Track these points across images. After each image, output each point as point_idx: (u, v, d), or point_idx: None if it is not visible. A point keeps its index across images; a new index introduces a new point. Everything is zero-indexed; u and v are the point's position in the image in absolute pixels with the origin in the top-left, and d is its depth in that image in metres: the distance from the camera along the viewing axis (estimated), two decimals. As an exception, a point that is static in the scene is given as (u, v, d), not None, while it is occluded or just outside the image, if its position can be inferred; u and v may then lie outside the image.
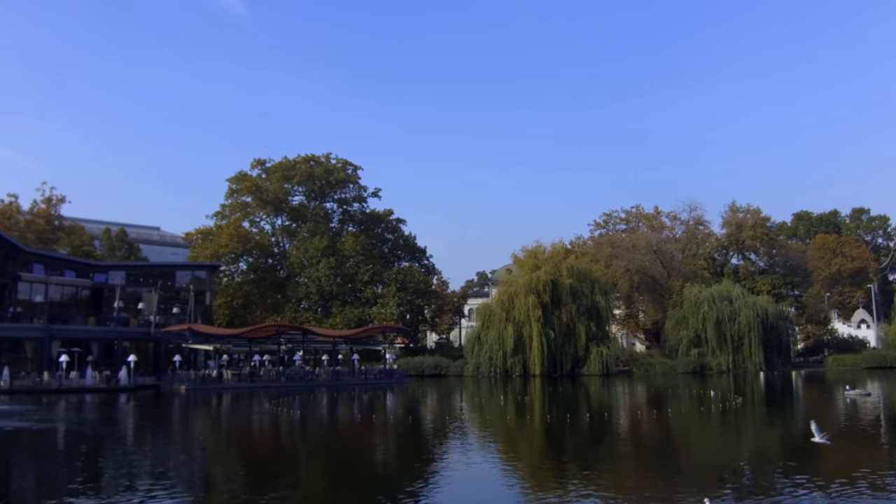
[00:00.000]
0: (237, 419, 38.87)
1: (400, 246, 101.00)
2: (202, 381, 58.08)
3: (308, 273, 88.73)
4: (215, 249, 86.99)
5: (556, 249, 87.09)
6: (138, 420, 37.45)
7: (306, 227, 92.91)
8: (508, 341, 74.86)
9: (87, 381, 54.35)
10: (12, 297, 63.34)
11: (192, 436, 30.37)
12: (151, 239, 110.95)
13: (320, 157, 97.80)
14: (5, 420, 33.32)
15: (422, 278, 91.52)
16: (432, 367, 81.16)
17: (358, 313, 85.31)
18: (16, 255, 63.75)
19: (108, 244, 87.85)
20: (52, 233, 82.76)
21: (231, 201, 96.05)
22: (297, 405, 42.58)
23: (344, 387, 61.26)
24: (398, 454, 24.07)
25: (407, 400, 49.75)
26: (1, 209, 79.32)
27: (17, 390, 51.09)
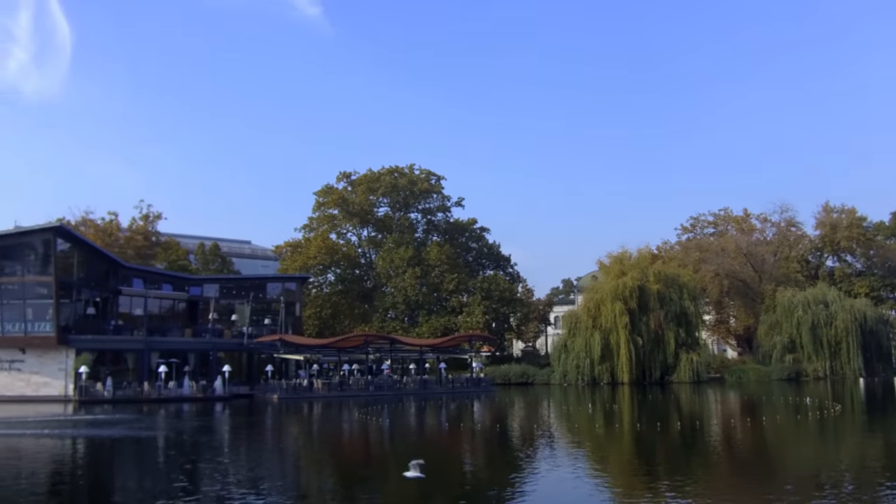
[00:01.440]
0: (328, 427, 39.57)
1: (484, 254, 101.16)
2: (293, 391, 59.34)
3: (394, 283, 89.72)
4: (304, 261, 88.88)
5: (643, 255, 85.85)
6: (233, 428, 38.49)
7: (392, 238, 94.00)
8: (595, 349, 74.08)
9: (184, 391, 56.17)
10: (114, 310, 66.05)
11: (286, 444, 31.10)
12: (243, 252, 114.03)
13: (404, 169, 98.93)
14: (109, 428, 34.80)
15: (507, 286, 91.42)
16: (519, 375, 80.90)
17: (444, 322, 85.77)
18: (117, 270, 66.54)
19: (203, 258, 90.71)
20: (149, 248, 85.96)
21: (318, 214, 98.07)
22: (385, 414, 43.06)
23: (431, 395, 61.67)
24: (486, 462, 24.14)
25: (494, 408, 49.74)
26: (102, 226, 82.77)
27: (120, 399, 53.25)
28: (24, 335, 56.13)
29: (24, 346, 56.46)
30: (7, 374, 56.51)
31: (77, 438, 31.67)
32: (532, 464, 22.60)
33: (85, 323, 60.62)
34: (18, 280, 57.21)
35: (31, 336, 56.13)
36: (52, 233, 57.61)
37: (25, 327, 56.17)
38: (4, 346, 56.29)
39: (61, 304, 57.06)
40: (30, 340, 56.22)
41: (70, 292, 59.63)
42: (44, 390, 56.07)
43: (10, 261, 57.86)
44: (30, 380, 56.59)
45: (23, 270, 57.82)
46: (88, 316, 61.68)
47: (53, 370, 56.63)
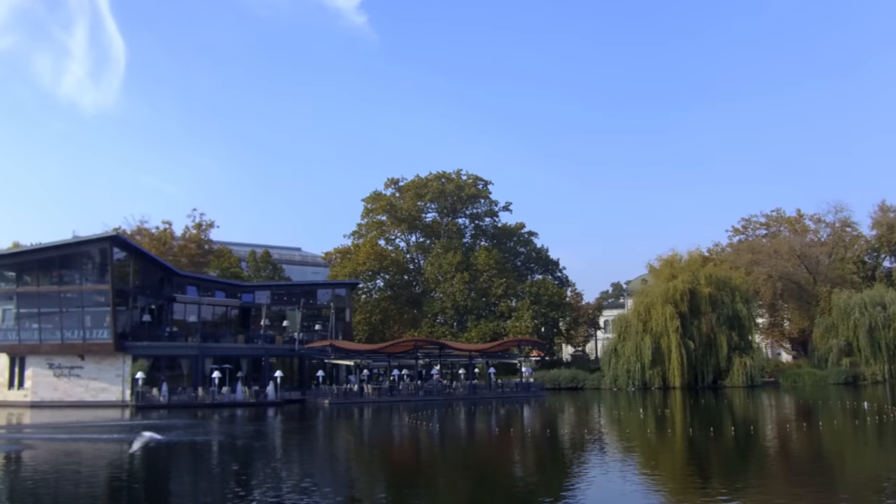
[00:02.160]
0: (379, 432, 39.83)
1: (533, 259, 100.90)
2: (344, 396, 59.85)
3: (443, 288, 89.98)
4: (353, 268, 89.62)
5: (693, 257, 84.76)
6: (286, 433, 38.98)
7: (440, 243, 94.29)
8: (646, 353, 73.31)
9: (237, 396, 57.04)
10: (169, 317, 67.40)
11: (337, 449, 31.41)
12: (293, 259, 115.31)
13: (451, 174, 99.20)
14: (165, 433, 35.50)
15: (556, 291, 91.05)
16: (569, 379, 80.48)
17: (493, 327, 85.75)
18: (171, 278, 67.89)
19: (254, 265, 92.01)
20: (202, 256, 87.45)
21: (367, 220, 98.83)
22: (435, 418, 43.19)
23: (481, 400, 61.65)
24: (536, 467, 24.09)
25: (544, 413, 49.55)
26: (157, 235, 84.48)
27: (175, 405, 54.30)
28: (83, 342, 57.61)
29: (83, 352, 57.97)
30: (67, 380, 58.08)
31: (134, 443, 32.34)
32: (583, 469, 22.50)
33: (141, 330, 61.96)
34: (77, 288, 58.80)
35: (89, 343, 57.59)
36: (108, 242, 59.05)
37: (84, 334, 57.64)
38: (65, 352, 57.87)
39: (118, 312, 58.45)
40: (88, 347, 57.68)
41: (126, 300, 61.05)
42: (102, 396, 57.48)
43: (69, 270, 59.45)
44: (89, 385, 58.07)
45: (81, 279, 59.39)
46: (144, 323, 63.03)
47: (111, 376, 58.03)
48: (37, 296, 58.74)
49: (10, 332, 59.18)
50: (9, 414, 51.41)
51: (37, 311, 58.61)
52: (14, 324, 59.07)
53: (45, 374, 58.28)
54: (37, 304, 58.67)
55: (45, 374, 58.29)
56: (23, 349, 58.69)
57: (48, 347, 58.04)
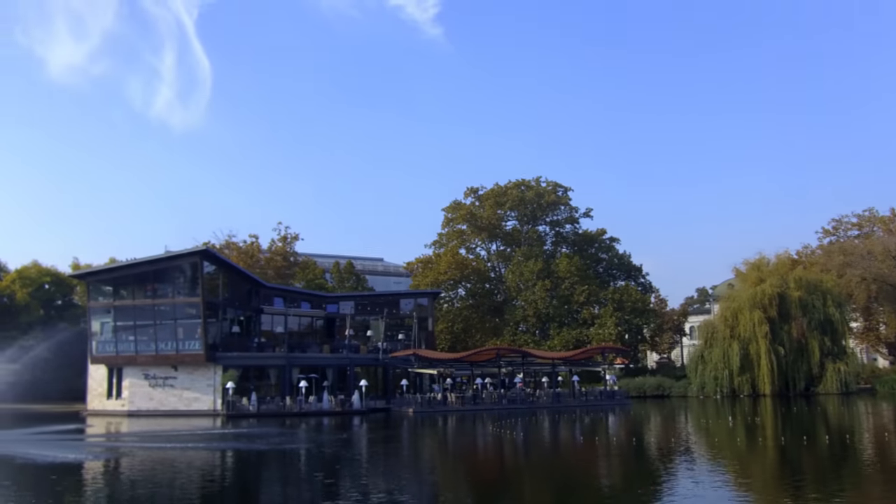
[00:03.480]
0: (463, 441, 39.99)
1: (615, 265, 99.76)
2: (428, 404, 60.22)
3: (524, 296, 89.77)
4: (435, 277, 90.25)
5: (781, 260, 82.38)
6: (371, 442, 39.47)
7: (520, 251, 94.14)
8: (734, 359, 71.62)
9: (324, 405, 58.01)
10: (257, 328, 69.11)
11: (423, 457, 31.68)
12: (376, 270, 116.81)
13: (530, 182, 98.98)
14: (255, 442, 36.44)
15: (639, 297, 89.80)
16: (654, 387, 79.27)
17: (576, 334, 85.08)
18: (259, 290, 69.63)
19: (338, 276, 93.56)
20: (288, 268, 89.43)
21: (448, 230, 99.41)
22: (519, 427, 43.12)
23: (565, 409, 61.26)
24: (623, 476, 23.85)
25: (630, 421, 48.94)
26: (244, 248, 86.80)
27: (264, 414, 55.56)
28: (176, 353, 59.58)
29: (175, 363, 59.92)
30: (162, 390, 60.11)
31: (225, 451, 33.32)
32: (671, 479, 22.19)
33: (230, 341, 63.68)
34: (170, 301, 60.85)
35: (182, 354, 59.51)
36: (199, 256, 61.00)
37: (177, 346, 59.60)
38: (159, 363, 59.94)
39: (209, 324, 60.23)
40: (181, 358, 59.61)
41: (217, 312, 62.89)
42: (194, 405, 59.27)
43: (162, 284, 61.62)
44: (182, 395, 59.96)
45: (174, 292, 61.44)
46: (234, 334, 64.76)
47: (203, 386, 59.80)
48: (132, 309, 61.10)
49: (108, 344, 61.65)
50: (108, 423, 53.61)
51: (132, 324, 60.93)
52: (112, 336, 61.51)
53: (141, 384, 60.46)
54: (132, 317, 61.00)
55: (141, 384, 60.48)
56: (120, 360, 61.07)
57: (143, 359, 60.23)
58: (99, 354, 62.00)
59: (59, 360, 64.95)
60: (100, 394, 62.67)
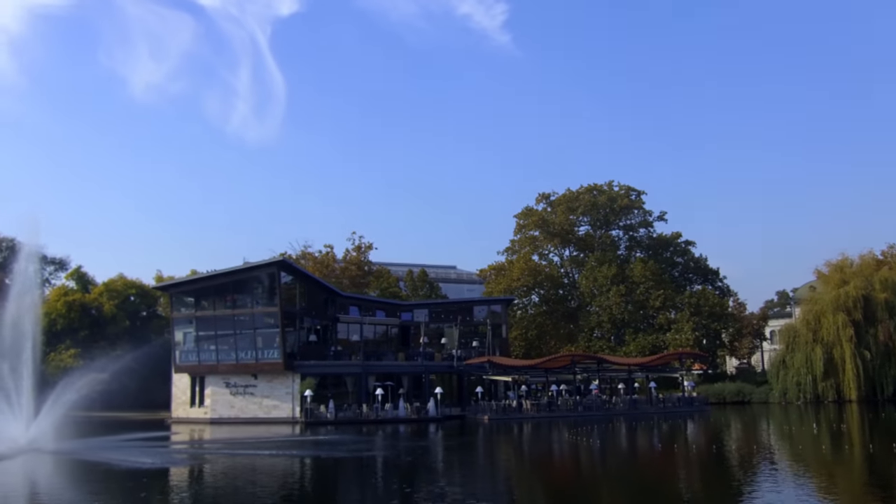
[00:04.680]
0: (539, 448, 39.93)
1: (691, 269, 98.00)
2: (503, 411, 60.22)
3: (599, 302, 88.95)
4: (508, 284, 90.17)
5: (866, 261, 79.58)
6: (448, 449, 39.73)
7: (594, 257, 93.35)
8: (817, 364, 69.58)
9: (400, 413, 58.58)
10: (333, 336, 70.15)
11: (499, 465, 31.76)
12: (449, 277, 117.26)
13: (603, 186, 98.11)
14: (333, 449, 37.07)
15: (716, 301, 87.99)
16: (734, 393, 77.57)
17: (652, 340, 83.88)
18: (335, 299, 70.74)
19: (412, 285, 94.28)
20: (363, 277, 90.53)
21: (520, 236, 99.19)
22: (595, 434, 42.84)
23: (642, 415, 60.53)
24: (703, 484, 23.52)
25: (709, 428, 48.11)
26: (320, 258, 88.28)
27: (341, 421, 56.43)
28: (256, 362, 60.95)
29: (255, 371, 61.30)
30: (242, 398, 61.55)
31: (304, 458, 34.01)
32: (752, 488, 21.80)
33: (308, 349, 64.77)
34: (249, 311, 62.35)
35: (261, 363, 60.85)
36: (276, 267, 62.35)
37: (256, 355, 60.98)
38: (239, 372, 61.41)
39: (287, 333, 61.41)
40: (260, 367, 60.95)
41: (294, 321, 64.10)
42: (274, 413, 60.50)
43: (241, 294, 63.18)
44: (262, 403, 61.29)
45: (252, 302, 62.91)
46: (311, 343, 65.88)
47: (282, 394, 61.01)
48: (213, 319, 62.80)
49: (190, 353, 63.47)
50: (191, 430, 55.22)
51: (213, 334, 62.60)
52: (194, 346, 63.31)
53: (223, 392, 62.02)
54: (213, 327, 62.69)
55: (222, 392, 62.04)
56: (202, 369, 62.81)
57: (224, 367, 61.79)
58: (182, 364, 63.90)
59: (144, 370, 67.03)
60: (183, 402, 64.55)
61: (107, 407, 60.95)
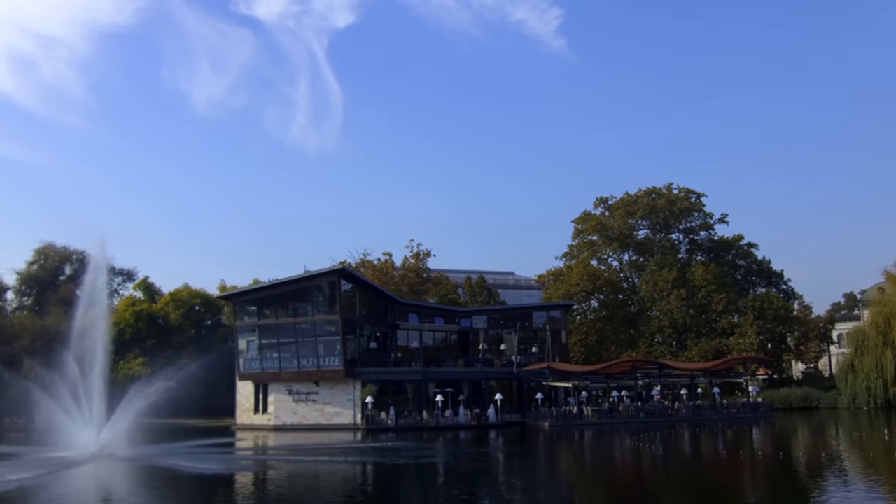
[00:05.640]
0: (601, 455, 39.65)
1: (754, 272, 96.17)
2: (564, 418, 59.92)
3: (659, 306, 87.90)
4: (567, 289, 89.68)
5: (937, 262, 77.17)
6: (508, 455, 39.72)
7: (654, 261, 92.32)
8: (888, 368, 67.59)
9: (460, 419, 58.73)
10: (393, 343, 70.70)
11: (560, 471, 31.66)
12: (507, 283, 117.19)
13: (662, 189, 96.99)
14: (395, 456, 37.38)
15: (781, 304, 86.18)
16: (801, 398, 75.81)
17: (714, 345, 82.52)
18: (394, 306, 71.30)
19: (470, 291, 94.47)
20: (421, 284, 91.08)
21: (578, 241, 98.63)
22: (658, 441, 42.38)
23: (705, 422, 59.65)
24: (770, 492, 23.13)
25: (775, 435, 47.20)
26: (379, 266, 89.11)
27: (402, 428, 56.82)
28: (317, 369, 61.76)
29: (317, 379, 62.10)
30: (305, 405, 62.40)
31: (366, 464, 34.37)
32: (821, 496, 21.37)
33: (368, 356, 65.43)
34: (310, 319, 63.21)
35: (322, 370, 61.64)
36: (336, 275, 63.13)
37: (318, 362, 61.79)
38: (301, 379, 62.29)
39: (347, 340, 62.10)
40: (322, 374, 61.74)
41: (354, 329, 64.81)
42: (336, 419, 61.20)
43: (302, 302, 64.11)
44: (324, 410, 62.04)
45: (313, 310, 63.73)
46: (371, 350, 66.50)
47: (343, 401, 61.66)
48: (275, 327, 63.89)
49: (254, 361, 64.64)
50: (255, 436, 56.19)
51: (276, 342, 63.64)
52: (257, 354, 64.48)
53: (285, 399, 62.97)
54: (276, 336, 63.74)
55: (285, 399, 63.00)
56: (265, 377, 63.90)
57: (287, 375, 62.75)
58: (246, 371, 65.10)
59: (209, 378, 68.36)
60: (247, 409, 65.71)
61: (173, 414, 62.31)
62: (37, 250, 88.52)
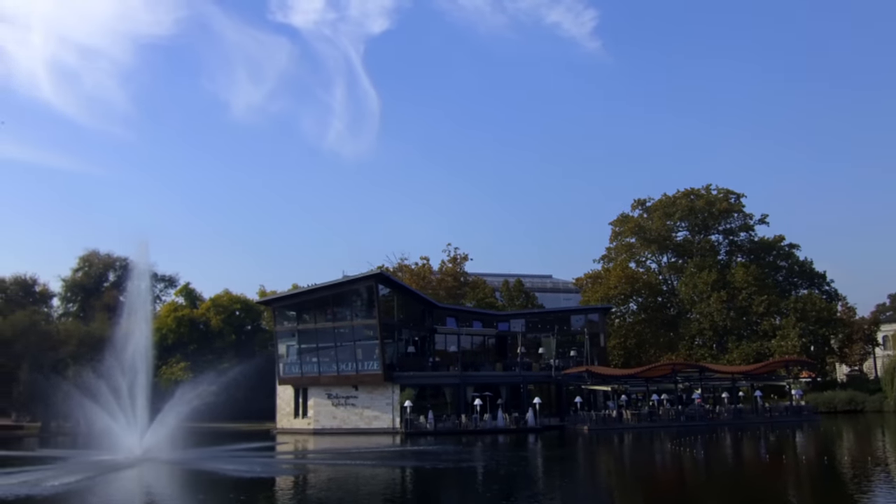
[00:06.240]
0: (642, 459, 39.39)
1: (795, 273, 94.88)
2: (603, 422, 59.59)
3: (699, 309, 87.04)
4: (605, 292, 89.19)
5: None
6: (548, 459, 39.65)
7: (693, 263, 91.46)
8: (936, 370, 66.38)
9: (499, 423, 58.71)
10: (431, 347, 70.86)
11: (600, 475, 31.53)
12: (545, 287, 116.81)
13: (700, 190, 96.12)
14: (434, 460, 37.49)
15: (824, 305, 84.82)
16: (845, 402, 74.54)
17: (756, 347, 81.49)
18: (432, 310, 71.47)
19: (507, 295, 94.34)
20: (459, 288, 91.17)
21: (616, 244, 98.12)
22: (699, 445, 42.01)
23: (747, 425, 58.96)
24: (814, 498, 22.85)
25: (819, 439, 46.50)
26: (416, 271, 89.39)
27: (441, 432, 56.96)
28: (356, 373, 62.11)
29: (356, 383, 62.46)
30: (344, 409, 62.80)
31: (406, 468, 34.53)
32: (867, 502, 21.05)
33: (406, 360, 65.64)
34: (348, 324, 63.59)
35: (361, 374, 61.97)
36: (374, 280, 63.45)
37: (357, 366, 62.13)
38: (340, 383, 62.71)
39: (386, 344, 62.35)
40: (361, 378, 62.08)
41: (392, 333, 65.10)
42: (375, 423, 61.49)
43: (340, 307, 64.56)
44: (363, 414, 62.39)
45: (352, 315, 64.12)
46: (409, 354, 66.72)
47: (382, 404, 61.95)
48: (314, 332, 64.42)
49: (293, 365, 65.22)
50: (295, 440, 56.73)
51: (315, 346, 64.17)
52: (297, 358, 65.04)
53: (325, 403, 63.44)
54: (315, 340, 64.28)
55: (324, 403, 63.46)
56: (305, 381, 64.43)
57: (326, 379, 63.21)
58: (286, 376, 65.70)
59: (250, 382, 68.91)
60: (287, 413, 66.30)
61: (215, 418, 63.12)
62: (81, 258, 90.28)
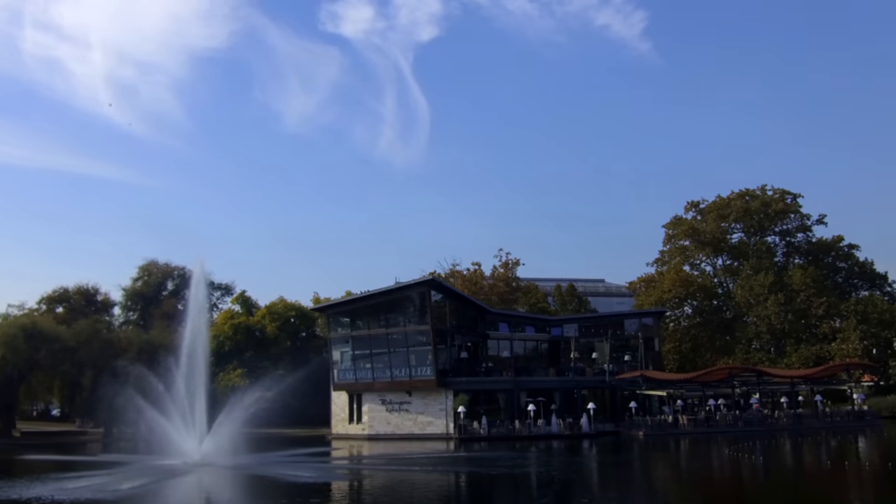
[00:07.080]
0: (699, 466, 38.93)
1: (855, 274, 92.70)
2: (658, 427, 59.04)
3: (756, 312, 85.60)
4: (659, 296, 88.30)
5: None
6: (603, 466, 39.40)
7: (749, 265, 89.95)
8: None
9: (553, 429, 58.51)
10: (484, 353, 70.97)
11: (657, 482, 31.25)
12: (597, 291, 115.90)
13: (755, 191, 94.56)
14: (488, 466, 37.57)
15: (886, 307, 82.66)
16: (909, 406, 72.62)
17: (815, 351, 79.83)
18: (484, 316, 71.60)
19: (560, 299, 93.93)
20: (511, 293, 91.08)
21: (669, 247, 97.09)
22: (758, 451, 41.35)
23: (807, 431, 57.83)
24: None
25: (883, 444, 45.43)
26: (468, 276, 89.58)
27: (494, 437, 56.98)
28: (409, 379, 62.53)
29: (409, 388, 62.86)
30: (398, 415, 63.24)
31: (460, 474, 34.65)
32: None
33: (459, 366, 65.84)
34: (402, 330, 64.06)
35: (415, 380, 62.38)
36: (426, 286, 63.87)
37: (410, 372, 62.56)
38: (394, 389, 63.17)
39: (438, 350, 62.66)
40: (414, 384, 62.47)
41: (445, 338, 65.35)
42: (429, 429, 61.77)
43: (393, 314, 65.06)
44: (416, 419, 62.74)
45: (405, 321, 64.57)
46: (462, 360, 66.89)
47: (435, 410, 62.23)
48: (368, 338, 65.04)
49: (347, 371, 65.91)
50: (350, 446, 57.29)
51: (368, 353, 64.75)
52: (351, 364, 65.74)
53: (379, 409, 63.97)
54: (368, 346, 64.88)
55: (378, 409, 64.00)
56: (359, 387, 65.06)
57: (380, 385, 63.75)
58: (340, 382, 66.41)
59: (305, 388, 69.64)
60: (342, 419, 66.99)
61: (271, 424, 63.89)
62: (141, 267, 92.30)
